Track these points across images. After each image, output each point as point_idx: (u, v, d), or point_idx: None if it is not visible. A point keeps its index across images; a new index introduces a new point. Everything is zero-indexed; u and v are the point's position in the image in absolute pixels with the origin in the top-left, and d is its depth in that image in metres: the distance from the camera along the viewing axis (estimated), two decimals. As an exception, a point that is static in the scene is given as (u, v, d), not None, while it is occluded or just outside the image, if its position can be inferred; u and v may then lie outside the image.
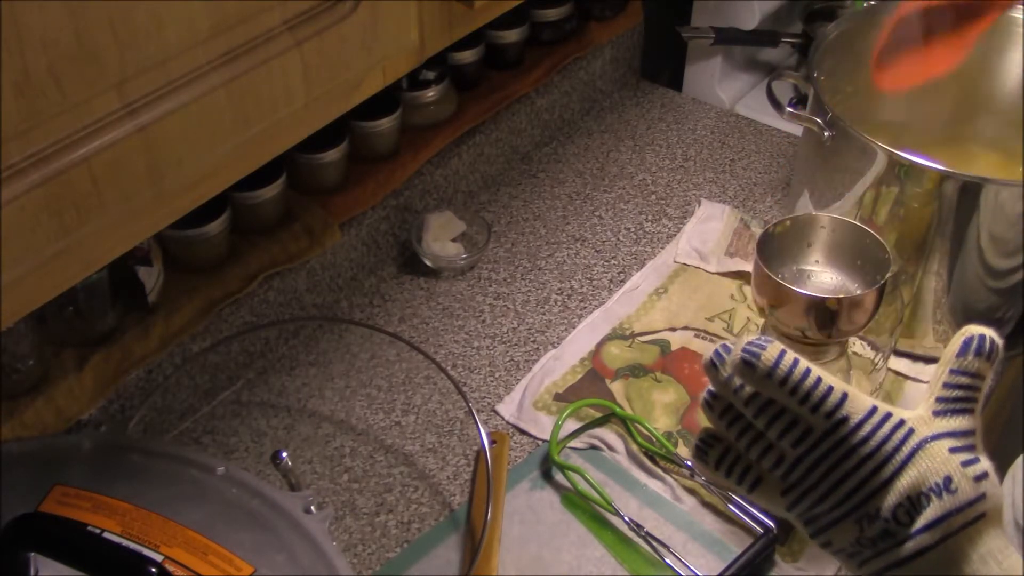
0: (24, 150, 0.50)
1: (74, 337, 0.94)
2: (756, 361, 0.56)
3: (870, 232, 0.96)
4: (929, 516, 0.56)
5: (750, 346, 0.57)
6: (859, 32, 1.13)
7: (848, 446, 0.57)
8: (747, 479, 0.61)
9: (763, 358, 0.56)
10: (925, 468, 0.56)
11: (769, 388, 0.57)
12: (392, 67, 0.71)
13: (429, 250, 1.18)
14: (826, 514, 0.59)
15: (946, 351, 0.60)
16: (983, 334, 0.59)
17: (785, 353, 0.56)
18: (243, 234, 1.07)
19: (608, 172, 1.34)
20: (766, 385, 0.57)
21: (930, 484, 0.56)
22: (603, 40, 1.41)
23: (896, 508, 0.56)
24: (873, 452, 0.57)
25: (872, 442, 0.57)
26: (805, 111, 1.05)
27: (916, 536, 0.56)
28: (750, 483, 0.61)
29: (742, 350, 0.57)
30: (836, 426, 0.57)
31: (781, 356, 0.56)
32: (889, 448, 0.57)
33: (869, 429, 0.57)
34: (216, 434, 1.02)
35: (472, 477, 0.99)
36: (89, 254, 0.56)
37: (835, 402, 0.57)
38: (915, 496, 0.56)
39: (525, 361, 1.10)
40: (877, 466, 0.57)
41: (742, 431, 0.60)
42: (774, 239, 0.97)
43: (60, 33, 0.48)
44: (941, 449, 0.57)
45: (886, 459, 0.57)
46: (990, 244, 0.99)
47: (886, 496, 0.57)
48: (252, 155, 0.64)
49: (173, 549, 0.69)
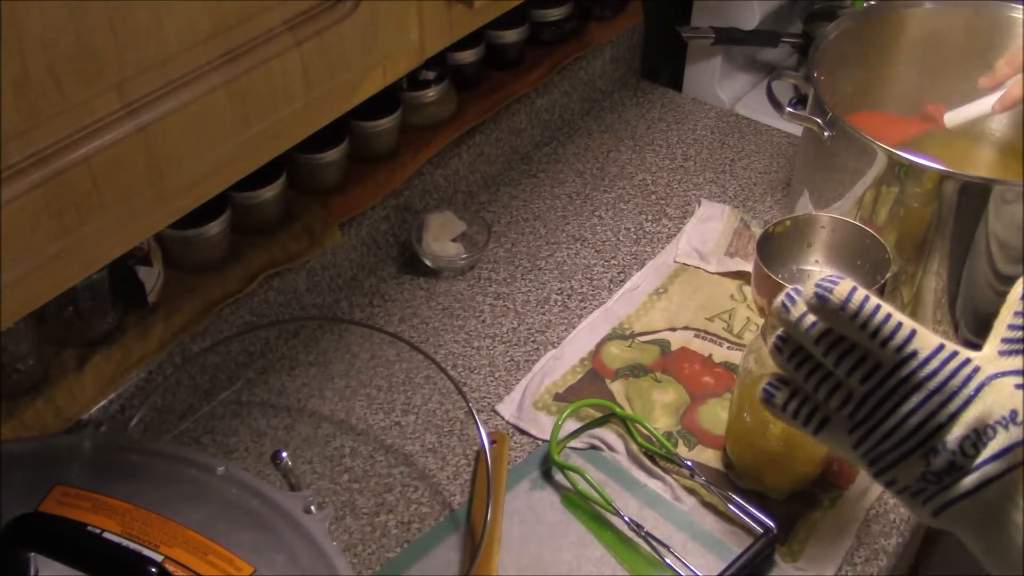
0: (24, 150, 0.50)
1: (74, 337, 0.94)
2: (829, 295, 0.58)
3: (870, 232, 0.96)
4: (995, 447, 0.57)
5: (823, 281, 0.58)
6: (859, 32, 1.13)
7: (916, 380, 0.58)
8: (814, 419, 0.62)
9: (835, 292, 0.58)
10: (992, 402, 0.57)
11: (840, 322, 0.58)
12: (392, 67, 0.71)
13: (429, 250, 1.18)
14: (892, 450, 0.60)
15: (1010, 296, 0.62)
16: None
17: (856, 289, 0.58)
18: (243, 234, 1.07)
19: (608, 172, 1.34)
20: (837, 319, 0.58)
21: (996, 417, 0.57)
22: (603, 40, 1.41)
23: (963, 440, 0.57)
24: (940, 386, 0.58)
25: (939, 376, 0.58)
26: (805, 111, 1.05)
27: (982, 467, 0.57)
28: (817, 423, 0.62)
29: (815, 285, 0.58)
30: (905, 360, 0.58)
31: (853, 291, 0.58)
32: (956, 383, 0.58)
33: (937, 364, 0.58)
34: (216, 434, 1.02)
35: (472, 477, 0.99)
36: (89, 254, 0.56)
37: (904, 337, 0.58)
38: (981, 428, 0.57)
39: (525, 361, 1.10)
40: (944, 400, 0.58)
41: (810, 372, 0.61)
42: (774, 239, 0.97)
43: (60, 33, 0.48)
44: (1007, 385, 0.58)
45: (953, 393, 0.58)
46: (992, 244, 0.99)
47: (952, 429, 0.58)
48: (252, 155, 0.64)
49: (173, 549, 0.69)
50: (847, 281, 0.58)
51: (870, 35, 1.14)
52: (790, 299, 0.61)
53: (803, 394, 0.63)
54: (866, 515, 0.95)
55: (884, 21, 1.14)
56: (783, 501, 0.95)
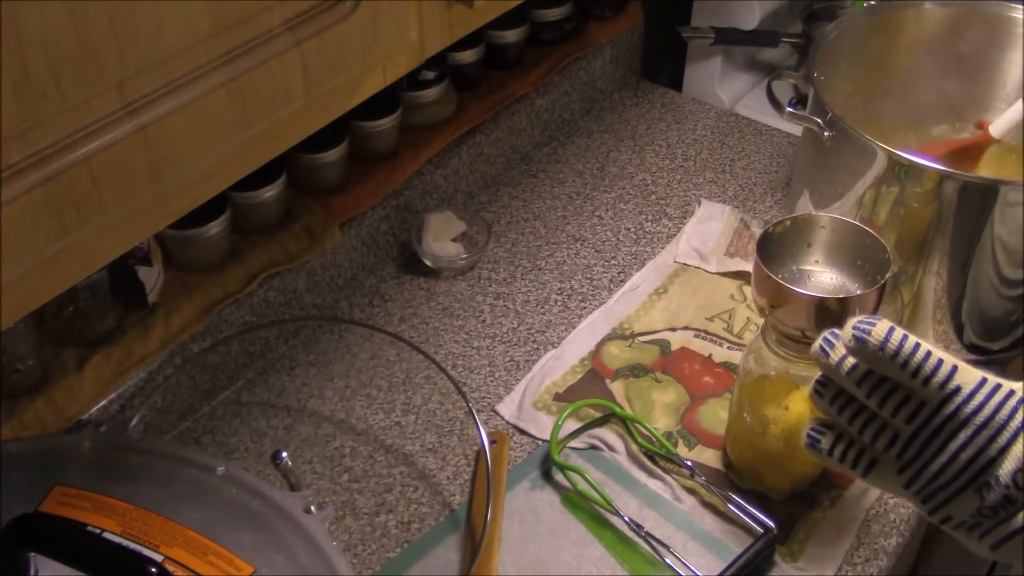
0: (24, 150, 0.50)
1: (74, 337, 0.94)
2: (867, 337, 0.57)
3: (870, 232, 0.96)
4: None
5: (860, 323, 0.58)
6: (859, 32, 1.13)
7: (962, 417, 0.58)
8: (861, 462, 0.62)
9: (874, 334, 0.57)
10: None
11: (881, 363, 0.58)
12: (392, 67, 0.71)
13: (429, 250, 1.18)
14: (944, 488, 0.59)
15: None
16: None
17: (895, 329, 0.58)
18: (243, 234, 1.07)
19: (608, 172, 1.34)
20: (878, 360, 0.58)
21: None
22: (603, 40, 1.41)
23: (1015, 474, 0.57)
24: (987, 421, 0.57)
25: (985, 411, 0.57)
26: (805, 111, 1.05)
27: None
28: (865, 466, 0.62)
29: (853, 327, 0.58)
30: (949, 397, 0.58)
31: (891, 332, 0.58)
32: (1003, 416, 0.57)
33: (981, 399, 0.58)
34: (216, 434, 1.02)
35: (472, 477, 0.99)
36: (89, 254, 0.56)
37: (947, 373, 0.58)
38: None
39: (525, 361, 1.10)
40: (993, 435, 0.57)
41: (854, 415, 0.61)
42: (774, 239, 0.97)
43: (60, 33, 0.48)
44: None
45: (1001, 427, 0.57)
46: (1003, 254, 0.99)
47: (1004, 463, 0.57)
48: (252, 155, 0.64)
49: (173, 549, 0.69)
50: (884, 321, 0.58)
51: (870, 35, 1.14)
52: (828, 343, 0.60)
53: (848, 437, 0.63)
54: (866, 515, 0.95)
55: (884, 21, 1.14)
56: (783, 501, 0.95)
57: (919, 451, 0.59)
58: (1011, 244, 0.97)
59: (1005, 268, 1.00)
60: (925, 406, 0.59)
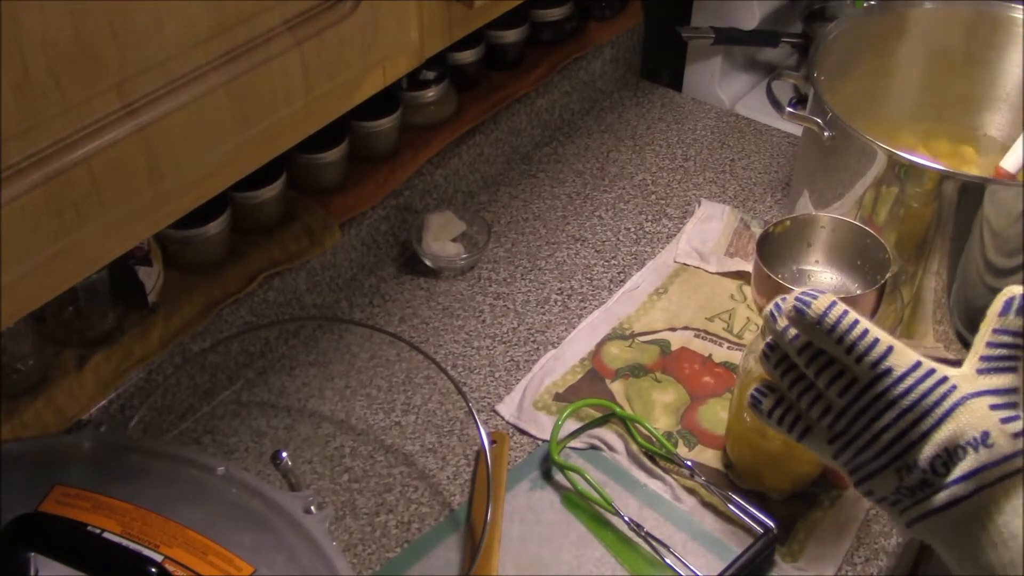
0: (24, 150, 0.50)
1: (74, 337, 0.94)
2: (807, 309, 0.59)
3: (870, 232, 0.96)
4: (964, 468, 0.58)
5: (803, 295, 0.60)
6: (859, 32, 1.13)
7: (890, 398, 0.59)
8: (797, 428, 0.64)
9: (813, 306, 0.59)
10: (964, 423, 0.58)
11: (817, 336, 0.60)
12: (392, 67, 0.71)
13: (429, 250, 1.18)
14: (868, 463, 0.61)
15: (989, 312, 0.63)
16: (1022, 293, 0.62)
17: (836, 304, 0.59)
18: (243, 234, 1.07)
19: (608, 172, 1.34)
20: (815, 333, 0.60)
21: (968, 438, 0.58)
22: (603, 40, 1.41)
23: (934, 459, 0.58)
24: (914, 405, 0.59)
25: (914, 395, 0.59)
26: (805, 111, 1.05)
27: (951, 486, 0.58)
28: (800, 431, 0.64)
29: (795, 298, 0.60)
30: (879, 377, 0.59)
31: (832, 306, 0.59)
32: (930, 402, 0.59)
33: (912, 382, 0.59)
34: (216, 434, 1.02)
35: (472, 477, 0.99)
36: (89, 254, 0.56)
37: (880, 353, 0.59)
38: (952, 449, 0.58)
39: (525, 361, 1.10)
40: (917, 418, 0.59)
41: (794, 381, 0.63)
42: (774, 239, 0.97)
43: (60, 33, 0.48)
44: (981, 405, 0.59)
45: (926, 412, 0.59)
46: (991, 243, 0.99)
47: (924, 448, 0.59)
48: (252, 155, 0.64)
49: (173, 549, 0.69)
50: (827, 296, 0.59)
51: (870, 35, 1.14)
52: (778, 308, 0.62)
53: (788, 402, 0.64)
54: (866, 515, 0.95)
55: (884, 21, 1.14)
56: (783, 501, 0.95)
57: (848, 425, 0.61)
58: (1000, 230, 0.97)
59: (992, 255, 0.99)
60: (857, 382, 0.60)
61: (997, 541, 0.57)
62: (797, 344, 0.61)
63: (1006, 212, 0.96)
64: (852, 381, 0.60)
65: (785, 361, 0.63)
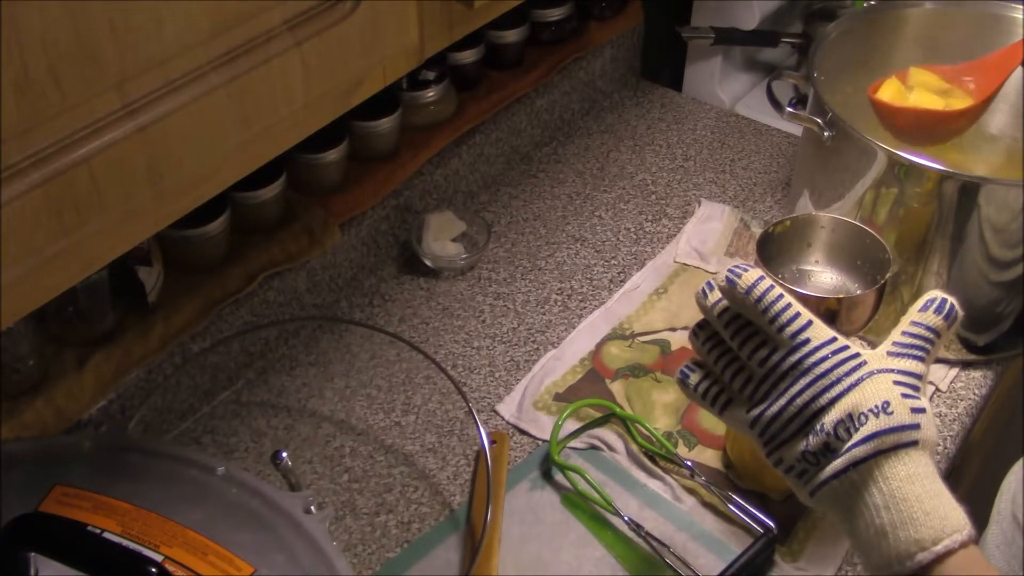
0: (24, 150, 0.50)
1: (74, 337, 0.94)
2: (737, 280, 0.65)
3: (870, 232, 0.96)
4: (864, 432, 0.62)
5: (734, 268, 0.66)
6: (859, 32, 1.13)
7: (805, 366, 0.64)
8: (719, 400, 0.69)
9: (744, 278, 0.65)
10: (869, 392, 0.63)
11: (745, 307, 0.65)
12: (392, 67, 0.71)
13: (429, 250, 1.18)
14: (780, 431, 0.66)
15: (911, 308, 0.69)
16: (945, 298, 0.68)
17: (763, 278, 0.65)
18: (243, 234, 1.06)
19: (608, 172, 1.34)
20: (743, 303, 0.65)
21: (870, 405, 0.63)
22: (603, 40, 1.41)
23: (837, 424, 0.63)
24: (825, 373, 0.64)
25: (826, 364, 0.64)
26: (805, 111, 1.05)
27: (851, 449, 0.62)
28: (721, 405, 0.69)
29: (727, 270, 0.66)
30: (798, 347, 0.65)
31: (759, 280, 0.65)
32: (840, 372, 0.64)
33: (826, 353, 0.64)
34: (216, 434, 1.02)
35: (472, 477, 0.99)
36: (89, 254, 0.56)
37: (800, 326, 0.65)
38: (855, 415, 0.63)
39: (525, 361, 1.10)
40: (828, 385, 0.64)
41: (720, 355, 0.69)
42: (774, 239, 0.97)
43: (60, 33, 0.48)
44: (886, 380, 0.64)
45: (836, 381, 0.64)
46: (991, 242, 0.99)
47: (831, 412, 0.63)
48: (252, 155, 0.64)
49: (173, 549, 0.69)
50: (756, 270, 0.66)
51: (870, 35, 1.14)
52: (709, 286, 0.69)
53: (714, 377, 0.70)
54: (866, 515, 0.95)
55: (884, 21, 1.14)
56: (783, 501, 0.95)
57: (765, 393, 0.66)
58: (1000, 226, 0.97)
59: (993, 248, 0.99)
60: (777, 351, 0.65)
61: (889, 504, 0.61)
62: (725, 317, 0.67)
63: (1005, 214, 0.96)
64: (773, 351, 0.65)
65: (713, 338, 0.69)
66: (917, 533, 0.60)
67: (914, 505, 0.61)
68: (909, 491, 0.61)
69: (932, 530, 0.60)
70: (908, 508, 0.61)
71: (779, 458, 0.67)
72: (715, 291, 0.68)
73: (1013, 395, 1.25)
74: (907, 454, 0.62)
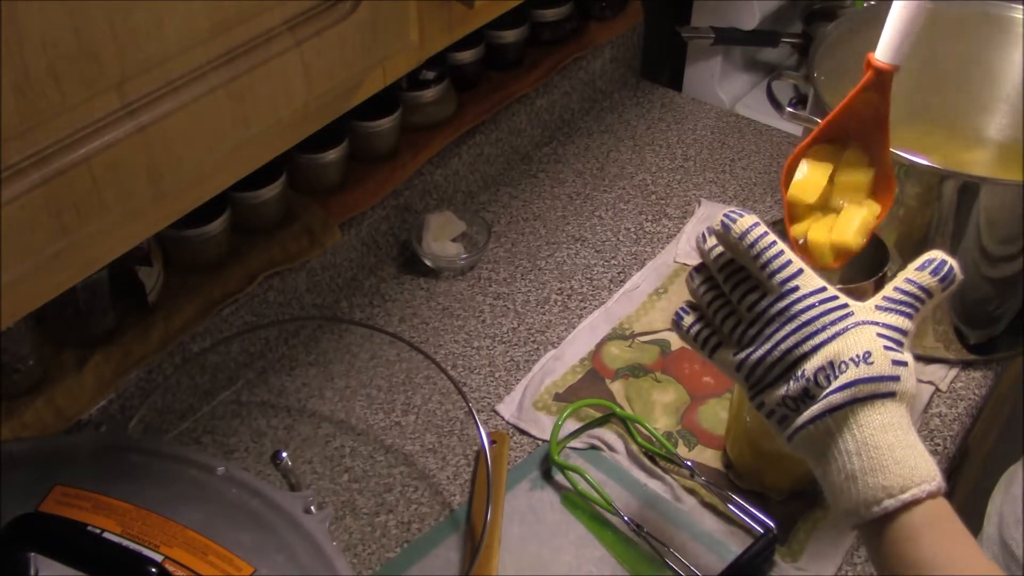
0: (24, 150, 0.50)
1: (74, 337, 0.94)
2: (732, 225, 0.66)
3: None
4: (843, 380, 0.63)
5: (730, 212, 0.66)
6: (859, 32, 1.12)
7: (792, 312, 0.65)
8: (709, 343, 0.70)
9: (739, 223, 0.66)
10: (852, 342, 0.63)
11: (739, 252, 0.66)
12: (392, 67, 0.71)
13: (429, 250, 1.18)
14: (765, 374, 0.66)
15: (909, 265, 0.69)
16: (944, 259, 0.68)
17: (758, 225, 0.66)
18: (243, 234, 1.06)
19: (608, 172, 1.34)
20: (737, 248, 0.66)
21: (851, 354, 0.63)
22: (603, 40, 1.41)
23: (818, 371, 0.64)
24: (811, 320, 0.65)
25: (812, 312, 0.65)
26: (805, 111, 1.05)
27: (829, 395, 0.63)
28: (711, 348, 0.70)
29: (723, 215, 0.66)
30: (786, 293, 0.65)
31: (754, 226, 0.66)
32: (826, 320, 0.64)
33: (814, 301, 0.65)
34: (216, 434, 1.02)
35: (472, 477, 0.99)
36: (89, 254, 0.56)
37: (790, 273, 0.65)
38: (836, 363, 0.63)
39: (525, 361, 1.10)
40: (812, 332, 0.64)
41: (713, 299, 0.70)
42: (774, 239, 0.97)
43: (60, 33, 0.48)
44: (870, 331, 0.64)
45: (821, 328, 0.64)
46: (990, 241, 0.99)
47: (813, 359, 0.64)
48: (252, 155, 0.64)
49: (173, 549, 0.69)
50: (751, 216, 0.66)
51: (870, 35, 1.14)
52: (709, 230, 0.68)
53: (706, 320, 0.71)
54: (866, 515, 0.95)
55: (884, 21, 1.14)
56: (783, 501, 0.95)
57: (753, 336, 0.66)
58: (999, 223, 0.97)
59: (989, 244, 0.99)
60: (766, 297, 0.66)
61: (861, 450, 0.62)
62: (720, 261, 0.68)
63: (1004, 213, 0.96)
64: (762, 296, 0.66)
65: (708, 282, 0.70)
66: (885, 480, 0.61)
67: (885, 453, 0.61)
68: (881, 439, 0.62)
69: (900, 478, 0.61)
70: (879, 455, 0.61)
71: (761, 401, 0.67)
72: (711, 238, 0.69)
73: (1013, 395, 1.25)
74: (883, 404, 0.62)
